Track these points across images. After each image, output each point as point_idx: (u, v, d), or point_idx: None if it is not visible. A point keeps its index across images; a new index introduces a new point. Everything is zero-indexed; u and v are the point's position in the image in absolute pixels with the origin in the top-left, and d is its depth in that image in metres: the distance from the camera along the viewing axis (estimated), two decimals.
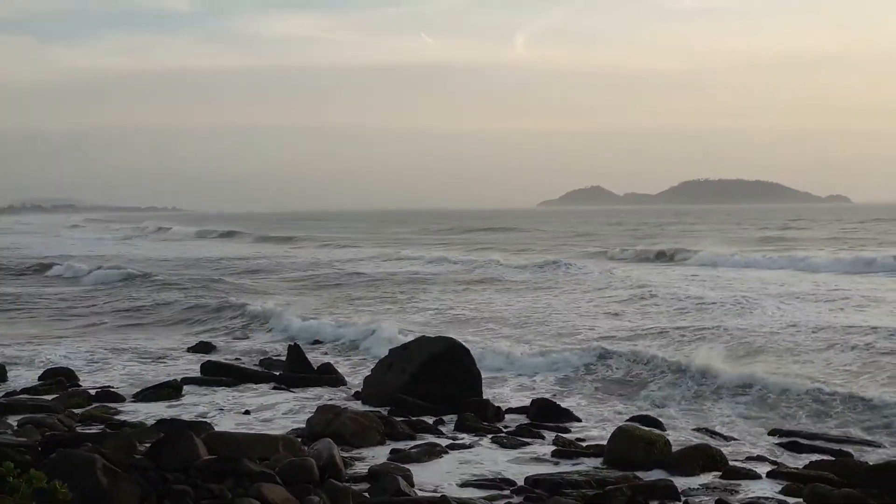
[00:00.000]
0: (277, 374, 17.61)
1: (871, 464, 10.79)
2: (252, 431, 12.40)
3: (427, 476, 10.80)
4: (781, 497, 9.88)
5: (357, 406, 14.78)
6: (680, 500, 9.90)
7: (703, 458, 11.11)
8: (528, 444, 12.50)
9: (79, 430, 12.72)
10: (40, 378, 17.32)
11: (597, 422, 14.16)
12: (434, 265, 46.63)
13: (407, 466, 10.80)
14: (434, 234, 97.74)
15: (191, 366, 18.91)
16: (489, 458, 11.79)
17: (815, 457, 11.65)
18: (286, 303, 29.03)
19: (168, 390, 15.92)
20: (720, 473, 10.87)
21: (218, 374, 17.36)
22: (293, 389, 16.46)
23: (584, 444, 12.50)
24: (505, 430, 13.35)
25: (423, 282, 37.13)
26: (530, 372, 18.11)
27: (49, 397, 15.35)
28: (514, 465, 11.44)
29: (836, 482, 10.16)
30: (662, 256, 51.51)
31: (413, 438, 12.67)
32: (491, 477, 10.77)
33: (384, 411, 14.17)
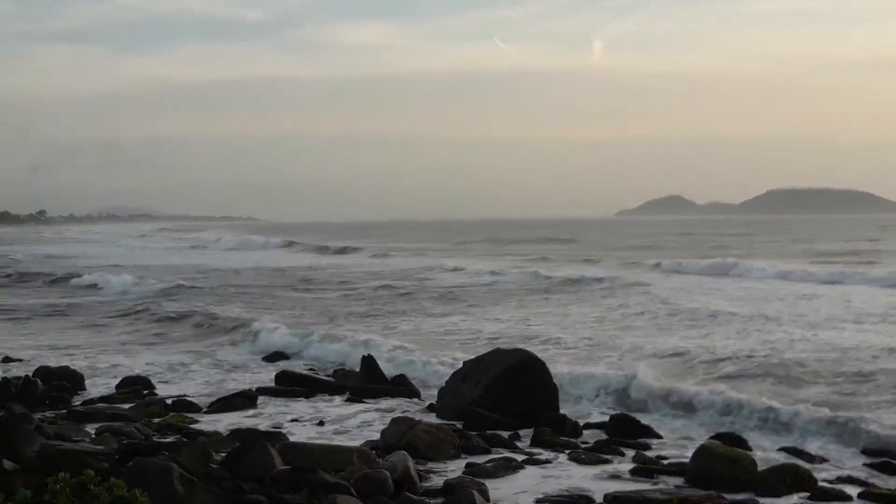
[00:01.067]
0: (352, 385, 17.56)
1: None
2: (327, 443, 12.32)
3: (503, 491, 10.58)
4: None
5: (431, 418, 14.63)
6: None
7: (790, 477, 10.70)
8: (607, 460, 12.18)
9: (155, 439, 12.79)
10: (117, 387, 17.55)
11: (678, 439, 13.75)
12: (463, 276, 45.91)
13: (482, 481, 10.60)
14: (490, 244, 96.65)
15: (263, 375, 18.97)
16: (566, 473, 11.51)
17: None
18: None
19: (242, 400, 15.97)
20: (808, 494, 10.44)
21: (292, 385, 17.37)
22: (367, 400, 16.38)
23: (665, 461, 12.15)
24: (583, 446, 13.06)
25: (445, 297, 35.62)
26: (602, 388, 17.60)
27: (126, 406, 15.51)
28: (593, 481, 11.15)
29: None
30: (719, 269, 47.60)
31: (488, 452, 12.46)
32: (568, 493, 10.51)
33: (459, 424, 14.00)
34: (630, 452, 12.60)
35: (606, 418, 14.58)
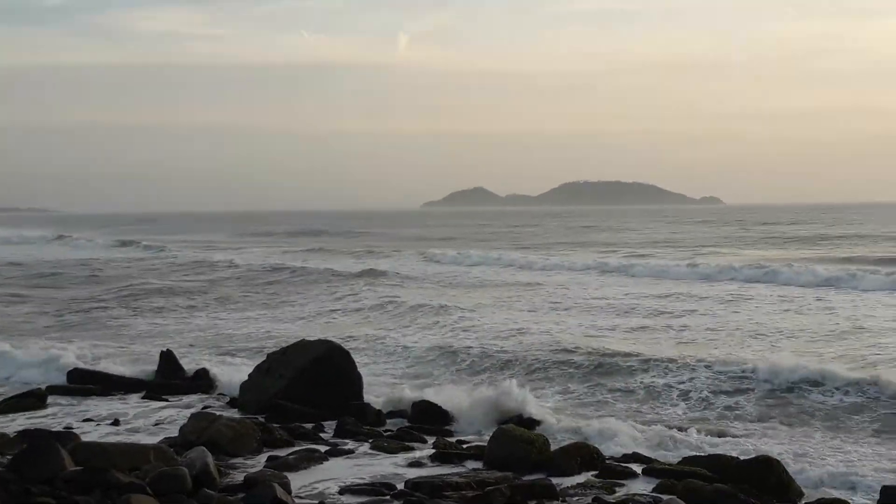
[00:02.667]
0: (148, 381, 17.04)
1: (741, 458, 11.08)
2: (122, 441, 11.93)
3: (306, 483, 10.59)
4: (656, 494, 10.05)
5: (234, 413, 14.42)
6: (558, 500, 9.98)
7: (581, 456, 11.24)
8: (409, 447, 12.40)
9: None
10: None
11: (477, 423, 14.12)
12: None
13: (284, 473, 10.56)
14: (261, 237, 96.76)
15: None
16: (369, 463, 11.65)
17: (690, 453, 11.89)
18: None
19: (32, 400, 15.22)
20: (597, 472, 11.00)
21: (85, 383, 16.69)
22: (166, 397, 15.95)
23: (465, 445, 12.48)
24: (386, 434, 13.23)
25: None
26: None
27: None
28: (395, 468, 11.34)
29: (708, 477, 10.41)
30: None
31: (292, 445, 12.42)
32: (371, 482, 10.64)
33: (262, 418, 13.87)
34: (432, 439, 12.87)
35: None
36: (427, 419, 13.98)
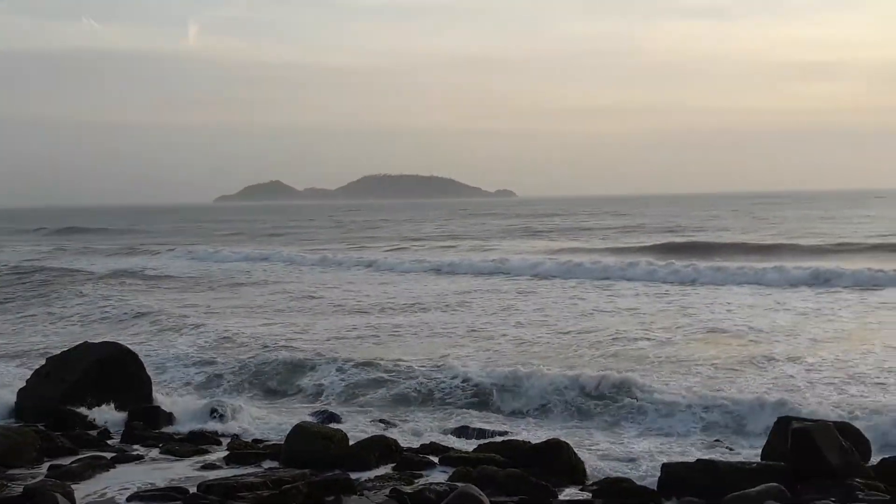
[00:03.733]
0: None
1: (532, 444, 11.42)
2: None
3: (92, 492, 10.07)
4: (452, 483, 10.18)
5: (10, 422, 13.53)
6: (356, 494, 9.93)
7: (379, 449, 11.25)
8: (203, 450, 12.02)
9: None
10: None
11: (275, 423, 13.83)
12: None
13: (68, 483, 10.00)
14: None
15: None
16: (160, 467, 11.22)
17: (485, 441, 12.15)
18: None
19: None
20: (395, 464, 11.05)
21: None
22: None
23: (261, 444, 12.24)
24: (177, 437, 12.77)
25: None
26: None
27: None
28: (188, 472, 10.97)
29: (502, 462, 10.66)
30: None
31: (75, 453, 11.78)
32: (162, 487, 10.23)
33: (42, 426, 13.07)
34: (227, 440, 12.54)
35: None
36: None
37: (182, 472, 10.99)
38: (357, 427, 13.07)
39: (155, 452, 11.95)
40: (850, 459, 9.53)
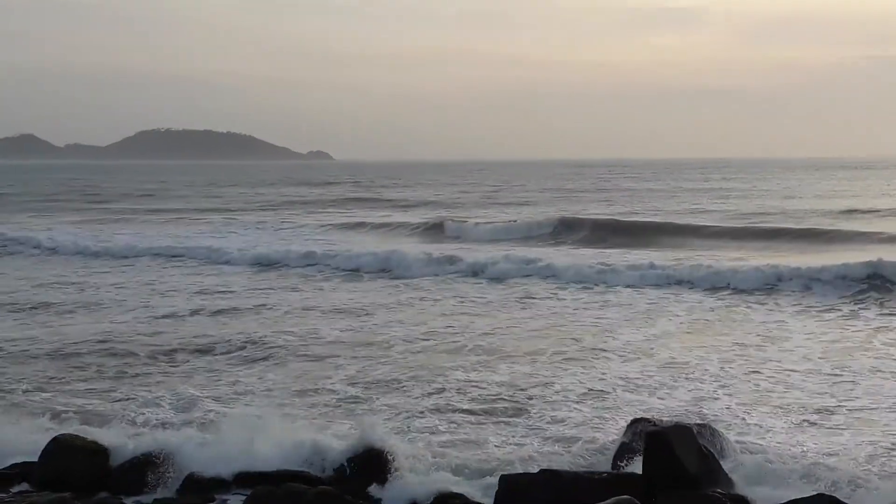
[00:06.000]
0: None
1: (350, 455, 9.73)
2: None
3: None
4: None
5: None
6: None
7: (151, 472, 9.16)
8: None
9: None
10: None
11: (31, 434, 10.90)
12: None
13: None
14: None
15: None
16: None
17: None
18: None
19: None
20: (180, 486, 9.09)
21: None
22: None
23: (10, 463, 9.83)
24: None
25: None
26: None
27: None
28: None
29: (312, 479, 8.99)
30: None
31: None
32: None
33: None
34: None
35: None
36: None
37: None
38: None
39: None
40: (710, 466, 8.50)
